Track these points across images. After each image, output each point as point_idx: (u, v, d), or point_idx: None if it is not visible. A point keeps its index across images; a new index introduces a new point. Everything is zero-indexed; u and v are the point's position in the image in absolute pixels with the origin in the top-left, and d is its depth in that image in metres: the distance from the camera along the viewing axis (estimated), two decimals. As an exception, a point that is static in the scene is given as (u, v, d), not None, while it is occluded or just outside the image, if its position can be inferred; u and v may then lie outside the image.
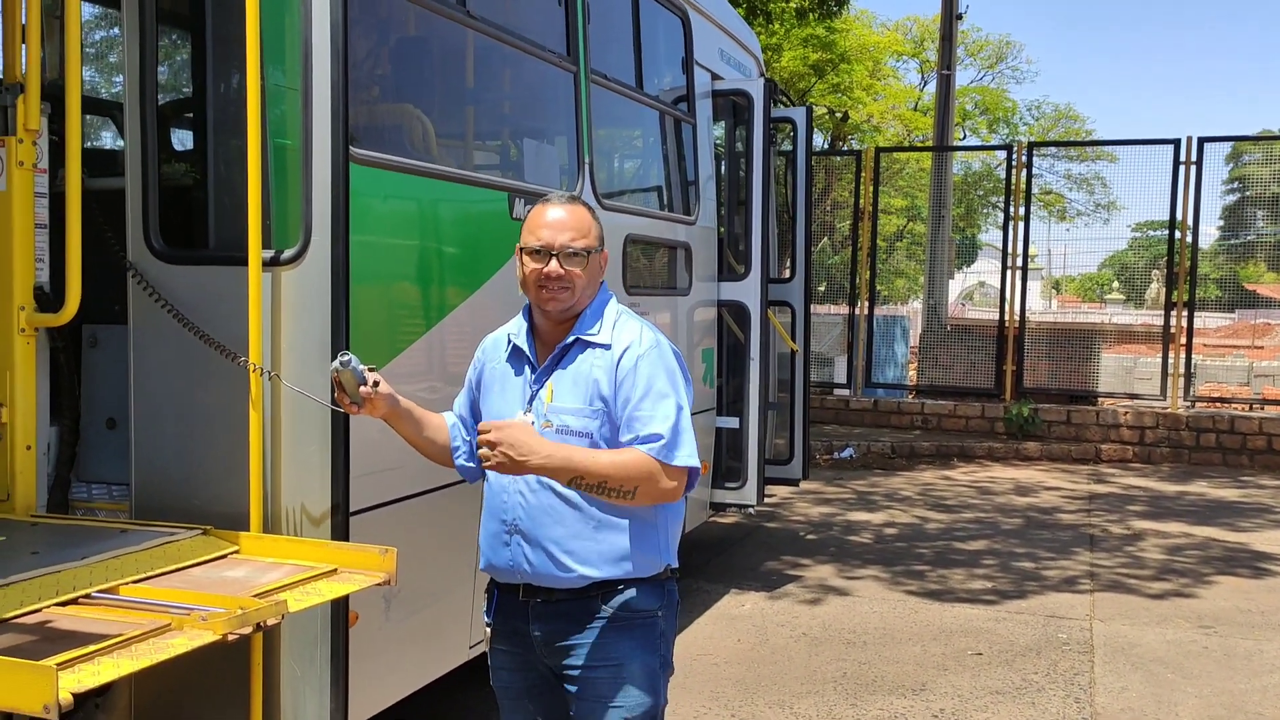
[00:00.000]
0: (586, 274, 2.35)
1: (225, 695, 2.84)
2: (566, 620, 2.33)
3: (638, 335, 2.36)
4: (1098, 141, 28.48)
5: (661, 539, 2.36)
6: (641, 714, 2.33)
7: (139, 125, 2.94)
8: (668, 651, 2.42)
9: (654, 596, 2.35)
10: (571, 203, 2.40)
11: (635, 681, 2.32)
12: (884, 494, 9.11)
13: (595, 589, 2.30)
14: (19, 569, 2.33)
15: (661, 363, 2.34)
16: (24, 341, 2.89)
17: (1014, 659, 5.05)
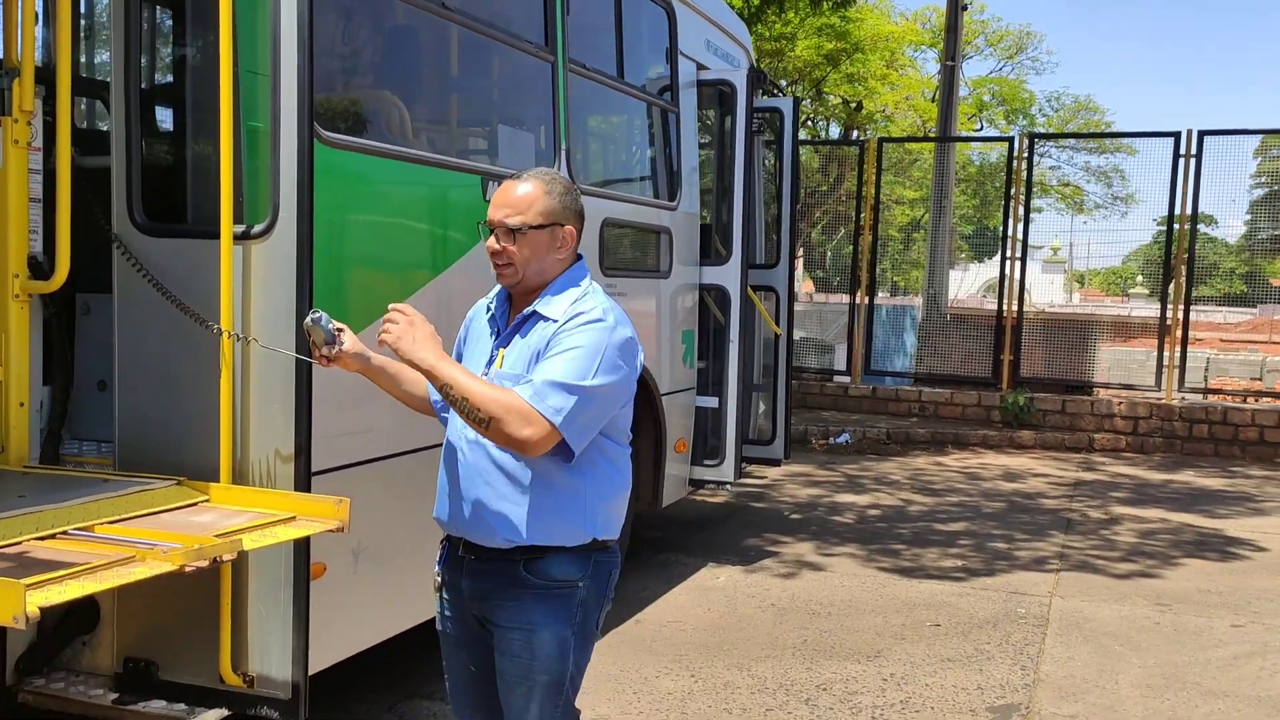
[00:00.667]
0: (525, 250, 2.42)
1: (200, 637, 3.09)
2: (491, 579, 2.47)
3: (588, 310, 2.42)
4: (1098, 134, 28.46)
5: (586, 511, 2.44)
6: (548, 680, 2.46)
7: (123, 107, 3.18)
8: (587, 621, 2.51)
9: (576, 567, 2.45)
10: (526, 180, 2.47)
11: (545, 647, 2.44)
12: (873, 478, 9.30)
13: (519, 553, 2.42)
14: (3, 509, 2.58)
15: (593, 336, 2.38)
16: (18, 307, 3.14)
17: (970, 631, 5.25)
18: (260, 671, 3.03)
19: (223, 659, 3.01)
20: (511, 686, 2.50)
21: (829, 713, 4.25)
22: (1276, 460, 10.43)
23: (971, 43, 28.31)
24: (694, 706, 4.28)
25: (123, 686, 3.14)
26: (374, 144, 3.56)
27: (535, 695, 2.47)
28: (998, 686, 4.55)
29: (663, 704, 4.29)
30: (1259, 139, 14.86)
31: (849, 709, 4.29)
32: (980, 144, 24.30)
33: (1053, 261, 37.48)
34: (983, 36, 28.75)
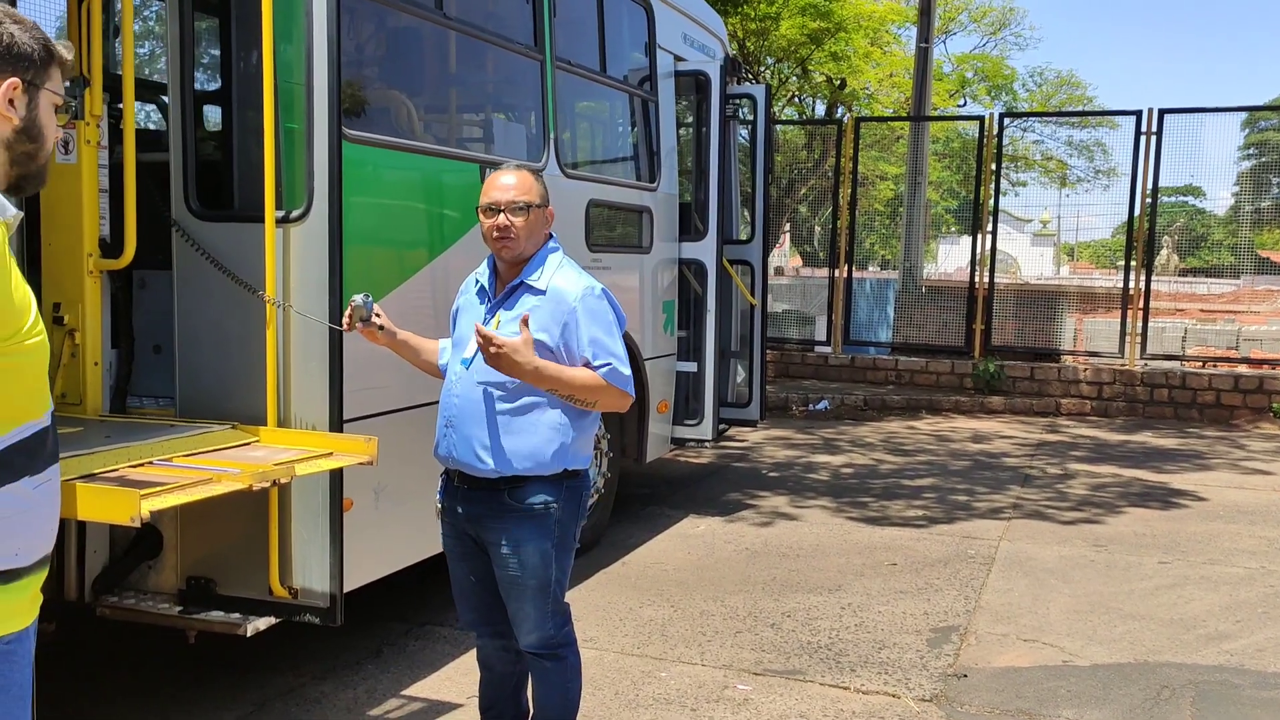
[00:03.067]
0: (527, 225, 2.99)
1: (251, 557, 3.66)
2: (481, 505, 3.05)
3: (574, 284, 3.00)
4: (1065, 112, 29.04)
5: (560, 447, 3.00)
6: (536, 584, 3.04)
7: (180, 111, 3.74)
8: (565, 535, 3.08)
9: (549, 492, 3.02)
10: (517, 170, 3.07)
11: (530, 557, 3.03)
12: (849, 441, 9.90)
13: (503, 483, 3.00)
14: (97, 446, 3.15)
15: (598, 306, 3.00)
16: (92, 281, 3.70)
17: (923, 568, 5.86)
18: (303, 585, 3.61)
19: (271, 575, 3.59)
20: (508, 591, 3.11)
21: (791, 634, 4.85)
22: (1232, 422, 11.05)
23: (955, 19, 28.76)
24: (673, 630, 4.87)
25: (186, 600, 3.73)
26: (390, 139, 4.13)
27: (528, 596, 3.08)
28: (942, 612, 5.16)
29: (646, 628, 4.89)
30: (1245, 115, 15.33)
31: (809, 631, 4.89)
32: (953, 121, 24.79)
33: (1043, 234, 37.99)
34: (966, 13, 29.17)
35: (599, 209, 5.76)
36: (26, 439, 1.74)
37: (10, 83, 1.77)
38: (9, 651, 1.75)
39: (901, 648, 4.70)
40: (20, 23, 1.81)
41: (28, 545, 1.76)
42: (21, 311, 1.71)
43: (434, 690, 4.16)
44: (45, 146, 1.86)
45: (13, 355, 1.70)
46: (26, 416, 1.74)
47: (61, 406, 3.72)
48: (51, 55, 1.85)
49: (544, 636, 3.12)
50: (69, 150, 3.68)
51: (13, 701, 1.76)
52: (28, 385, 1.75)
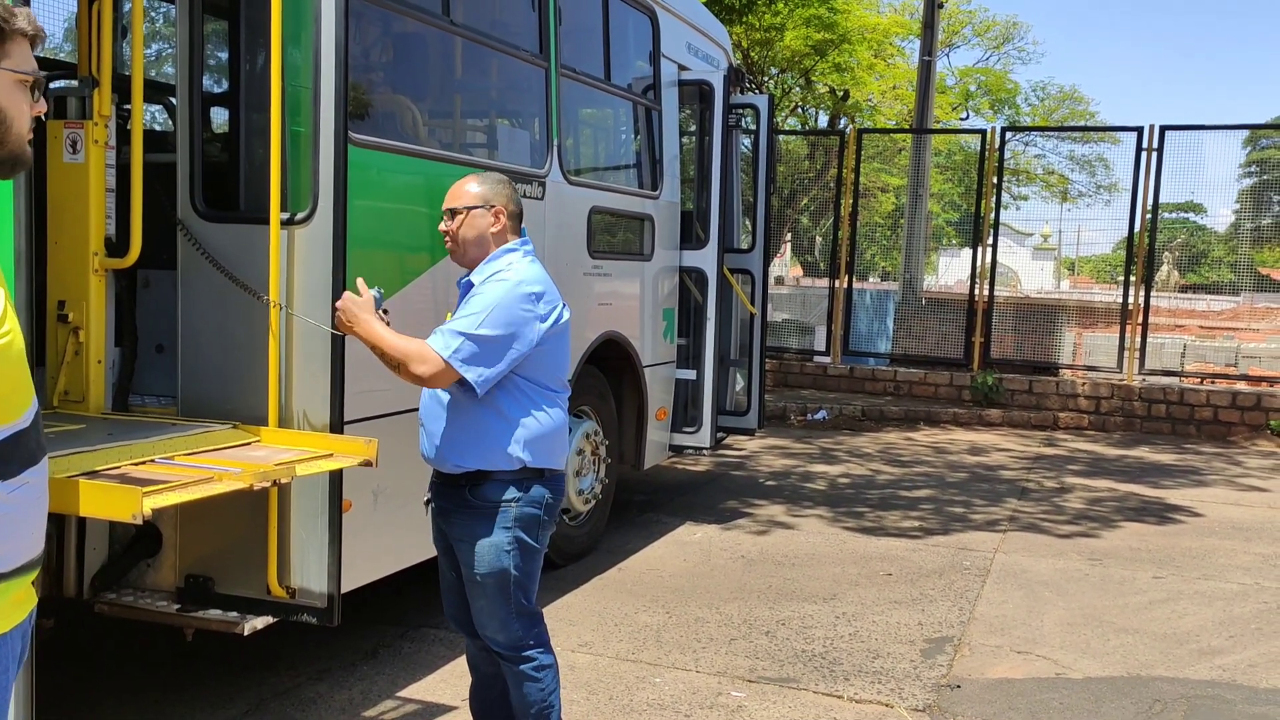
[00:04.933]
0: (463, 226, 3.07)
1: (250, 557, 3.68)
2: (449, 500, 3.11)
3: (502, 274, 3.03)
4: (1066, 127, 29.15)
5: (514, 443, 3.02)
6: (493, 583, 3.06)
7: (187, 113, 3.77)
8: (524, 532, 3.07)
9: (508, 489, 3.04)
10: (466, 178, 3.14)
11: (485, 554, 3.05)
12: (846, 451, 9.92)
13: (465, 478, 3.04)
14: (100, 443, 3.17)
15: (493, 289, 2.99)
16: (97, 280, 3.73)
17: (918, 579, 5.88)
18: (301, 585, 3.63)
19: (270, 574, 3.61)
20: (469, 587, 3.15)
21: (785, 642, 4.86)
22: (1229, 438, 11.07)
23: (959, 32, 28.85)
24: (668, 636, 4.89)
25: (184, 599, 3.75)
26: (394, 143, 4.16)
27: (486, 595, 3.10)
28: (936, 623, 5.18)
29: (640, 634, 4.90)
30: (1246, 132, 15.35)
31: (803, 639, 4.91)
32: (952, 135, 24.87)
33: (1043, 249, 38.03)
34: (970, 26, 29.27)
35: (601, 216, 5.80)
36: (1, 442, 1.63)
37: None
38: None
39: (895, 657, 4.71)
40: None
41: (9, 549, 1.67)
42: None
43: (429, 692, 4.18)
44: (14, 127, 1.69)
45: None
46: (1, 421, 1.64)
47: (64, 404, 3.75)
48: (9, 28, 1.67)
49: (510, 638, 3.14)
50: (77, 150, 3.71)
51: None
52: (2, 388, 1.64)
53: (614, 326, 5.93)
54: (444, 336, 2.96)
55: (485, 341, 2.94)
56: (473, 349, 2.93)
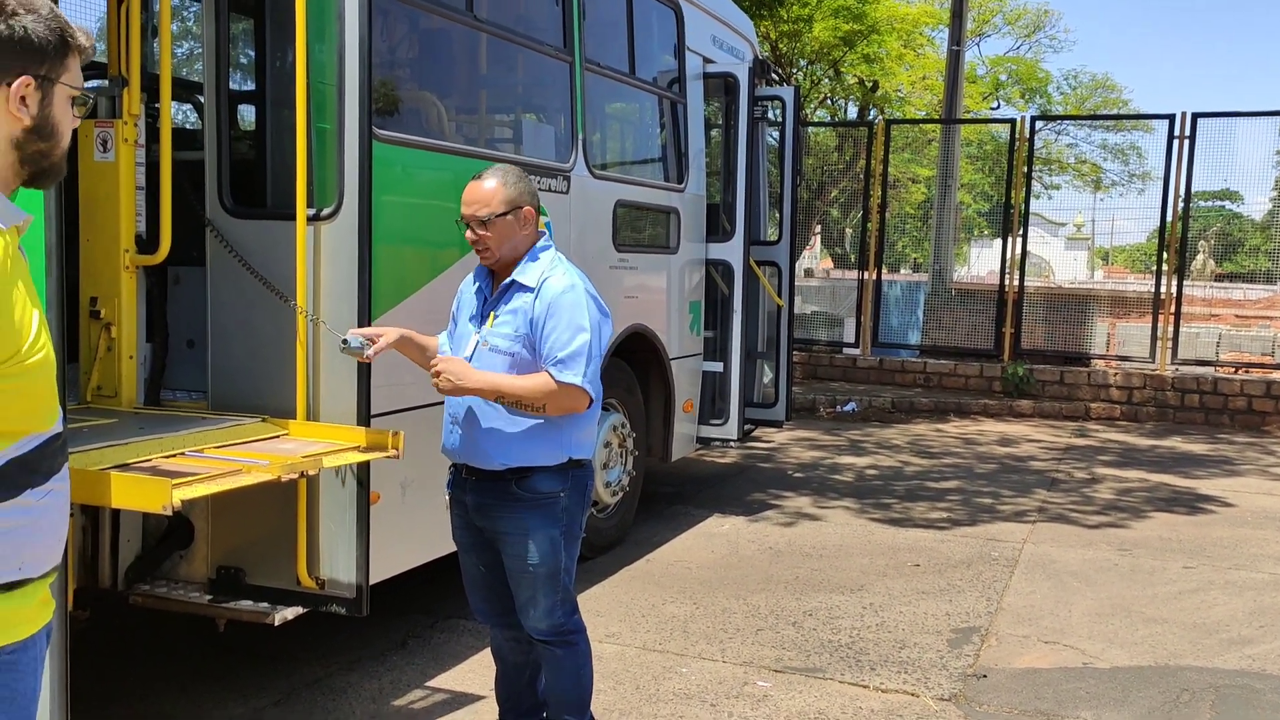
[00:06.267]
0: (497, 234, 3.07)
1: (280, 548, 3.74)
2: (489, 495, 3.13)
3: (559, 281, 3.06)
4: (1097, 115, 28.79)
5: (563, 437, 3.08)
6: (545, 572, 3.12)
7: (215, 110, 3.83)
8: (571, 524, 3.16)
9: (556, 481, 3.10)
10: (485, 178, 3.11)
11: (539, 545, 3.11)
12: (875, 443, 9.90)
13: (510, 473, 3.08)
14: (131, 437, 3.24)
15: (572, 300, 3.03)
16: (128, 276, 3.80)
17: (946, 570, 5.86)
18: (330, 576, 3.68)
19: (299, 566, 3.66)
20: (518, 580, 3.17)
21: (812, 633, 4.88)
22: (1263, 428, 10.95)
23: (989, 21, 28.61)
24: (695, 626, 4.91)
25: (216, 590, 3.81)
26: (419, 139, 4.20)
27: (539, 585, 3.15)
28: (963, 613, 5.17)
29: (668, 625, 4.93)
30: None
31: (830, 630, 4.92)
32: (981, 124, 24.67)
33: (1076, 238, 37.65)
34: (1000, 15, 29.02)
35: (626, 209, 5.82)
36: (28, 453, 1.67)
37: (22, 81, 1.65)
38: (12, 662, 1.69)
39: (922, 647, 4.71)
40: (34, 11, 1.66)
41: (34, 557, 1.71)
42: (21, 331, 1.63)
43: (457, 682, 4.22)
44: (60, 143, 1.74)
45: (13, 377, 1.62)
46: (30, 430, 1.68)
47: (97, 399, 3.83)
48: (68, 44, 1.71)
49: (554, 624, 3.19)
50: (107, 148, 3.78)
51: (19, 711, 1.71)
52: (31, 402, 1.68)
53: (640, 319, 5.94)
54: (565, 364, 2.99)
55: (595, 356, 3.05)
56: (591, 366, 3.03)
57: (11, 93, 1.65)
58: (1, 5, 1.64)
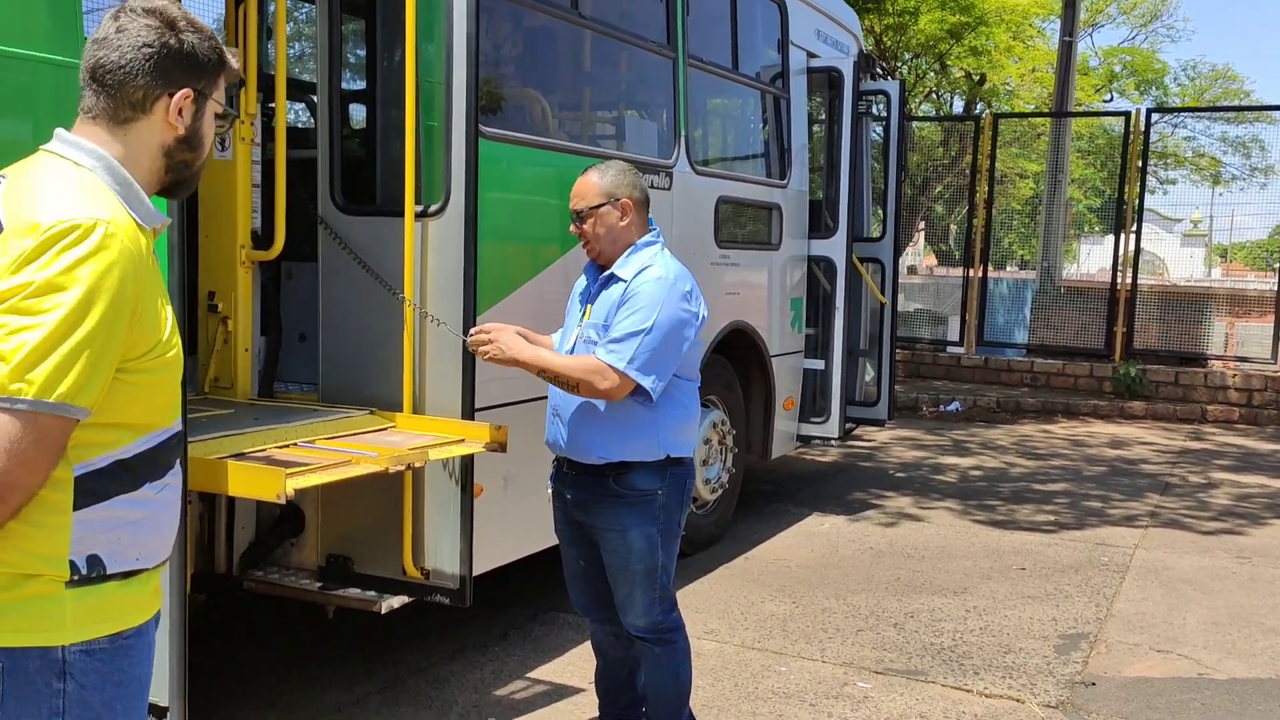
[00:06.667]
0: (595, 226, 3.09)
1: (387, 539, 3.82)
2: (587, 490, 3.14)
3: (650, 272, 3.03)
4: (1217, 107, 27.60)
5: (660, 435, 3.07)
6: (643, 569, 3.13)
7: (327, 110, 3.93)
8: (670, 521, 3.14)
9: (654, 479, 3.09)
10: (589, 172, 3.15)
11: (636, 543, 3.11)
12: (979, 443, 9.69)
13: (608, 469, 3.07)
14: (246, 428, 3.35)
15: (652, 289, 2.99)
16: (244, 271, 3.92)
17: (1053, 574, 5.71)
18: (434, 567, 3.75)
19: (405, 556, 3.74)
20: (615, 576, 3.19)
21: (914, 635, 4.80)
22: (1397, 434, 10.41)
23: (1103, 11, 27.71)
24: (794, 625, 4.88)
25: (325, 577, 3.92)
26: (523, 135, 4.25)
27: (635, 581, 3.16)
28: (1071, 619, 5.03)
29: (766, 623, 4.90)
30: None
31: (932, 632, 4.83)
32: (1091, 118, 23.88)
33: (1193, 235, 36.26)
34: (1115, 4, 28.09)
35: (728, 206, 5.80)
36: (152, 448, 1.75)
37: (184, 93, 1.76)
38: (128, 647, 1.75)
39: (1027, 653, 4.60)
40: (199, 30, 1.80)
41: (149, 548, 1.78)
42: (160, 326, 1.72)
43: (557, 674, 4.27)
44: (202, 155, 1.86)
45: (149, 371, 1.71)
46: (155, 426, 1.75)
47: (214, 390, 3.97)
48: (223, 64, 1.84)
49: (652, 622, 3.20)
50: (225, 147, 3.91)
51: (131, 697, 1.77)
52: (161, 397, 1.76)
53: (741, 316, 5.92)
54: (613, 345, 2.95)
55: (655, 347, 2.96)
56: (645, 356, 2.95)
57: (173, 103, 1.75)
58: (173, 21, 1.76)
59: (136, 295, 1.64)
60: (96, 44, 1.76)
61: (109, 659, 1.71)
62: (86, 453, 1.66)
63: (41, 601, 1.65)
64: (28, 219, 1.60)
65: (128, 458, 1.71)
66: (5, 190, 1.68)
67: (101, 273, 1.59)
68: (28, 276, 1.56)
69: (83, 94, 1.76)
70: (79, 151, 1.73)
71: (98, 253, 1.59)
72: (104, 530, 1.69)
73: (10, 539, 1.62)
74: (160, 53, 1.74)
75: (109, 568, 1.70)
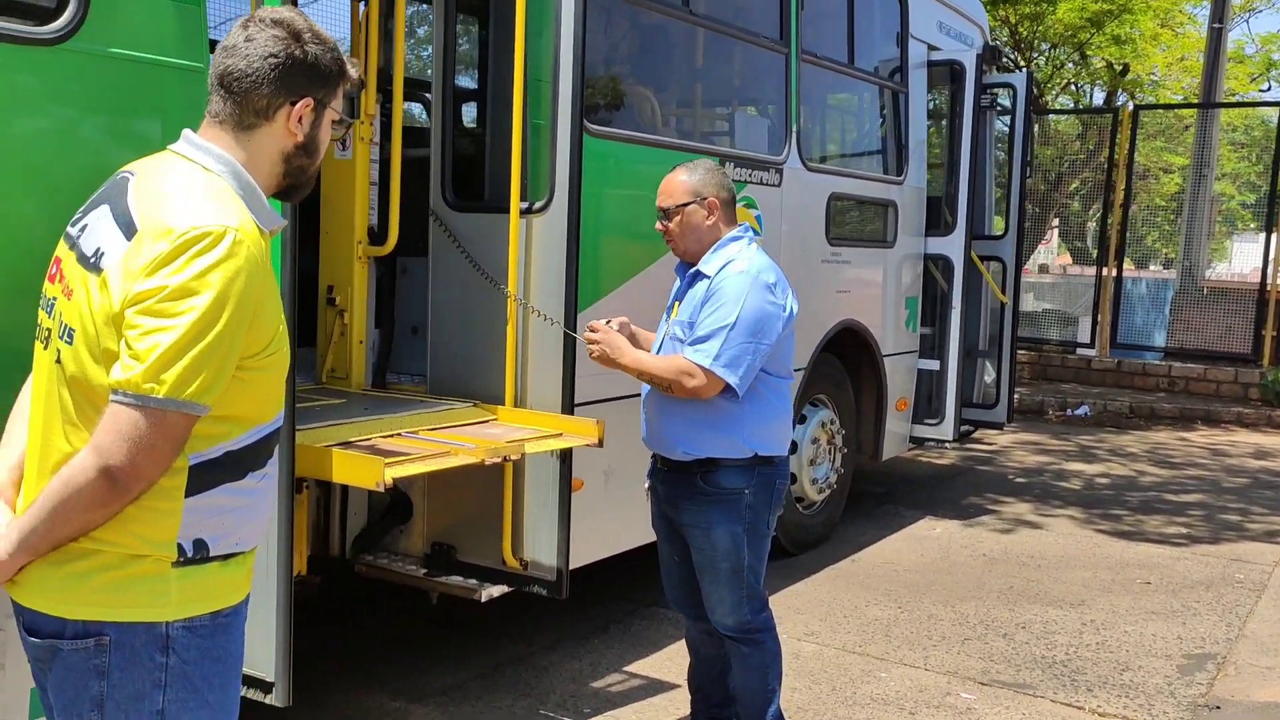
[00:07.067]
0: (680, 226, 3.11)
1: (488, 529, 3.90)
2: (676, 486, 3.16)
3: (734, 267, 3.03)
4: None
5: (746, 432, 3.05)
6: (728, 567, 3.12)
7: (440, 110, 4.03)
8: (757, 521, 3.13)
9: (741, 478, 3.08)
10: (677, 170, 3.17)
11: (722, 542, 3.11)
12: (1108, 449, 9.33)
13: (696, 466, 3.08)
14: (356, 417, 3.46)
15: (735, 283, 2.99)
16: (360, 266, 4.05)
17: (1181, 590, 5.47)
18: (533, 558, 3.82)
19: (504, 547, 3.81)
20: (703, 573, 3.19)
21: (1024, 647, 4.66)
22: None
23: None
24: (898, 631, 4.79)
25: (430, 564, 4.02)
26: (629, 133, 4.28)
27: (721, 580, 3.15)
28: (1198, 638, 4.81)
29: (869, 627, 4.83)
30: None
31: (1044, 645, 4.68)
32: (1263, 108, 22.63)
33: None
34: (1274, -11, 26.58)
35: (841, 202, 5.72)
36: (257, 441, 1.83)
37: (305, 102, 1.83)
38: (226, 624, 1.84)
39: (1147, 671, 4.42)
40: (323, 42, 1.86)
41: (248, 533, 1.88)
42: (276, 325, 1.81)
43: (654, 669, 4.29)
44: (317, 160, 1.93)
45: (260, 369, 1.79)
46: (261, 420, 1.84)
47: (331, 380, 4.12)
48: (343, 74, 1.90)
49: (740, 621, 3.19)
50: (346, 147, 4.04)
51: (228, 672, 1.86)
52: (270, 392, 1.84)
53: (852, 314, 5.84)
54: (699, 344, 2.98)
55: (740, 341, 2.97)
56: (731, 351, 2.97)
57: (294, 111, 1.82)
58: (298, 33, 1.83)
59: (259, 299, 1.73)
60: (226, 52, 1.84)
61: (209, 635, 1.81)
62: (201, 444, 1.75)
63: (149, 580, 1.75)
64: (162, 223, 1.68)
65: (236, 449, 1.80)
66: (135, 189, 1.76)
67: (230, 278, 1.66)
68: (162, 280, 1.64)
69: (210, 98, 1.84)
70: (208, 156, 1.81)
71: (227, 259, 1.67)
72: (210, 516, 1.78)
73: (124, 523, 1.71)
74: (285, 63, 1.81)
75: (212, 550, 1.80)
